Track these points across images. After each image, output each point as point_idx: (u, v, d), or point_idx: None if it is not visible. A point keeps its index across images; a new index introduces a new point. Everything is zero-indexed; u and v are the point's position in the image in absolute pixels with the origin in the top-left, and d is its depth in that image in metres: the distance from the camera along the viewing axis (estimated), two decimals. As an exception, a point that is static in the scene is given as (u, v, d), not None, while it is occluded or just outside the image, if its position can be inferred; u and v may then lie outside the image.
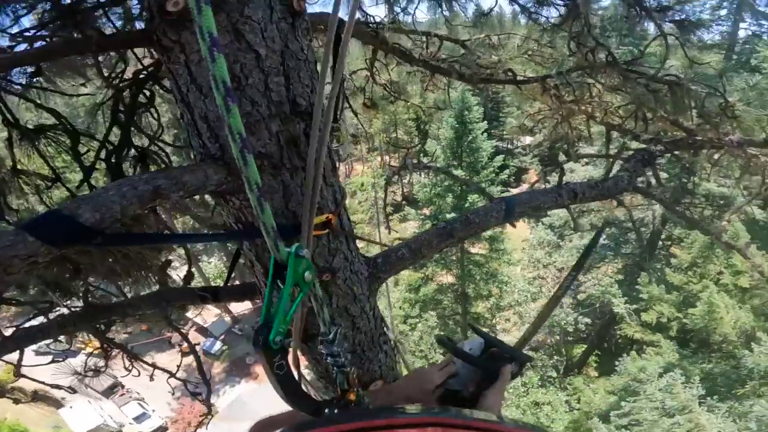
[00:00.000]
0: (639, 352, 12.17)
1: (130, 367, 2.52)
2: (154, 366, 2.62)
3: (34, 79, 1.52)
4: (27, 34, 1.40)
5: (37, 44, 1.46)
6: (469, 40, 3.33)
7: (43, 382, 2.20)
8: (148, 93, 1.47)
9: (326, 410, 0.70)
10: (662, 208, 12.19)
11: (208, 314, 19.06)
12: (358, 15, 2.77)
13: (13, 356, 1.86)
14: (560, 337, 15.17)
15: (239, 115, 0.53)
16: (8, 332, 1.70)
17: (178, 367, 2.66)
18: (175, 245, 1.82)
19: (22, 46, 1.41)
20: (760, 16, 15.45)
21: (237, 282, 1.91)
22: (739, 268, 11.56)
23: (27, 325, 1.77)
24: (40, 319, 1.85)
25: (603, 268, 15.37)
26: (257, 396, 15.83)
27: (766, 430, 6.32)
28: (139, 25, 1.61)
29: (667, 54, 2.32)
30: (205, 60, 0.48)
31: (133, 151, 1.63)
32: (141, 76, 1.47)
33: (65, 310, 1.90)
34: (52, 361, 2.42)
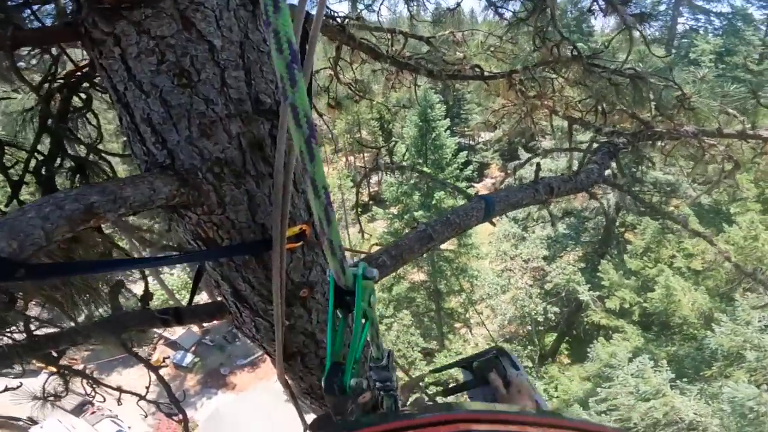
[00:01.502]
0: (606, 337, 12.46)
1: (93, 394, 2.30)
2: (120, 390, 2.38)
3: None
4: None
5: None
6: (433, 37, 3.29)
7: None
8: (84, 96, 1.28)
9: None
10: (615, 197, 12.79)
11: (176, 326, 18.11)
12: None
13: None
14: (532, 327, 15.49)
15: (322, 166, 0.42)
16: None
17: (147, 388, 2.44)
18: (123, 272, 1.62)
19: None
20: (698, 10, 16.57)
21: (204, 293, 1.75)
22: (691, 251, 12.21)
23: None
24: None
25: (566, 257, 15.90)
26: (235, 407, 15.20)
27: (740, 410, 6.37)
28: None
29: (632, 47, 2.37)
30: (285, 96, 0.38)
31: (70, 162, 1.42)
32: (73, 78, 1.27)
33: (7, 340, 1.68)
34: (6, 389, 2.15)
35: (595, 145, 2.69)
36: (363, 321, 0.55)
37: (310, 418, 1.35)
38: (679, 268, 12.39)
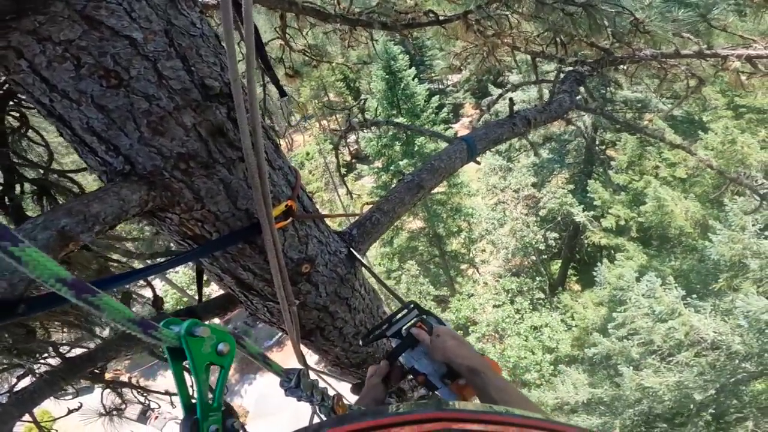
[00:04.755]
0: (610, 258, 12.42)
1: (147, 401, 2.39)
2: (168, 393, 2.48)
3: None
4: None
5: None
6: (379, -12, 3.14)
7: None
8: (17, 114, 1.20)
9: None
10: (591, 118, 12.79)
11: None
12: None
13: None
14: (536, 257, 15.63)
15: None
16: (4, 399, 1.54)
17: (192, 387, 2.53)
18: (120, 287, 1.61)
19: None
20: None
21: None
22: (673, 160, 12.10)
23: (18, 388, 1.61)
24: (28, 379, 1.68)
25: (554, 181, 15.93)
26: (278, 387, 15.83)
27: (756, 326, 6.12)
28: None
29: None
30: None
31: (31, 186, 1.35)
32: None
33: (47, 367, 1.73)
34: (69, 412, 2.22)
35: (561, 76, 2.76)
36: (219, 368, 0.58)
37: (332, 383, 1.40)
38: (665, 177, 12.31)
